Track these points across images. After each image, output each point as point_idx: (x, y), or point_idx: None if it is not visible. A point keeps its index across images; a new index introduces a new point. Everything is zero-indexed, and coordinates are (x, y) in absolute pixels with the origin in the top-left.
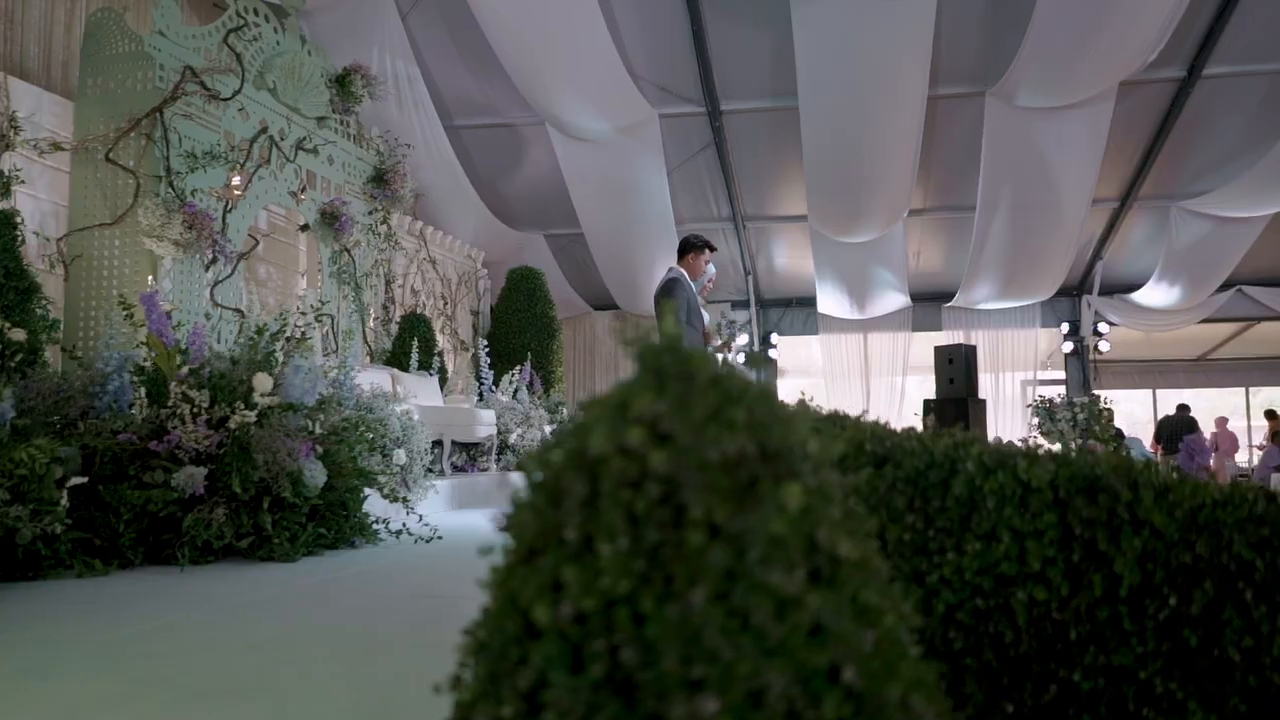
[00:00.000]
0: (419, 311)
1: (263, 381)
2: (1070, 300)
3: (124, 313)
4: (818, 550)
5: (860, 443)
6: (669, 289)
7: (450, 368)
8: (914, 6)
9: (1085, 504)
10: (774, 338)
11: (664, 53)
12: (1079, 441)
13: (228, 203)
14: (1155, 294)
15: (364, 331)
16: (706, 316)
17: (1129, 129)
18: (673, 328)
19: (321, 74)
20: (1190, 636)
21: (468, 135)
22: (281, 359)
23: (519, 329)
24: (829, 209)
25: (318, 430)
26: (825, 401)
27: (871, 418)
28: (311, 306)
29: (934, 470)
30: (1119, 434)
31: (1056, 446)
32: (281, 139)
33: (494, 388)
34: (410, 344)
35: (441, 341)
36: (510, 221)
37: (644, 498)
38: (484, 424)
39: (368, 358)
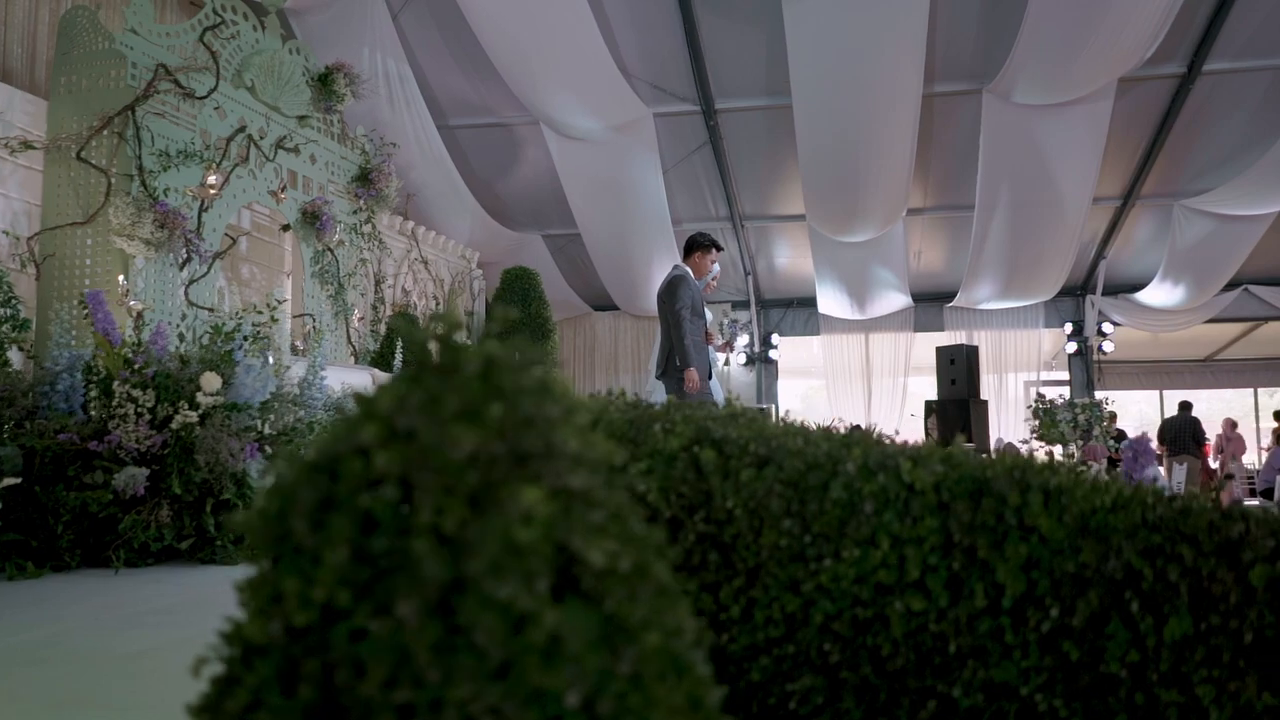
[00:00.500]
0: (406, 311)
1: (210, 381)
2: (1074, 300)
3: (83, 312)
4: (576, 561)
5: (746, 443)
6: (672, 287)
7: None
8: (907, 3)
9: (967, 508)
10: (775, 338)
11: (657, 51)
12: (1080, 443)
13: (203, 202)
14: (1159, 294)
15: (348, 331)
16: (710, 316)
17: (1130, 126)
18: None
19: (303, 73)
20: (1072, 650)
21: (463, 135)
22: (242, 358)
23: (513, 329)
24: (826, 209)
25: (266, 430)
26: (828, 403)
27: (875, 419)
28: (269, 305)
29: (814, 472)
30: (1119, 435)
31: (1057, 449)
32: (261, 138)
33: None
34: (396, 344)
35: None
36: (507, 222)
37: (379, 501)
38: None
39: (352, 358)
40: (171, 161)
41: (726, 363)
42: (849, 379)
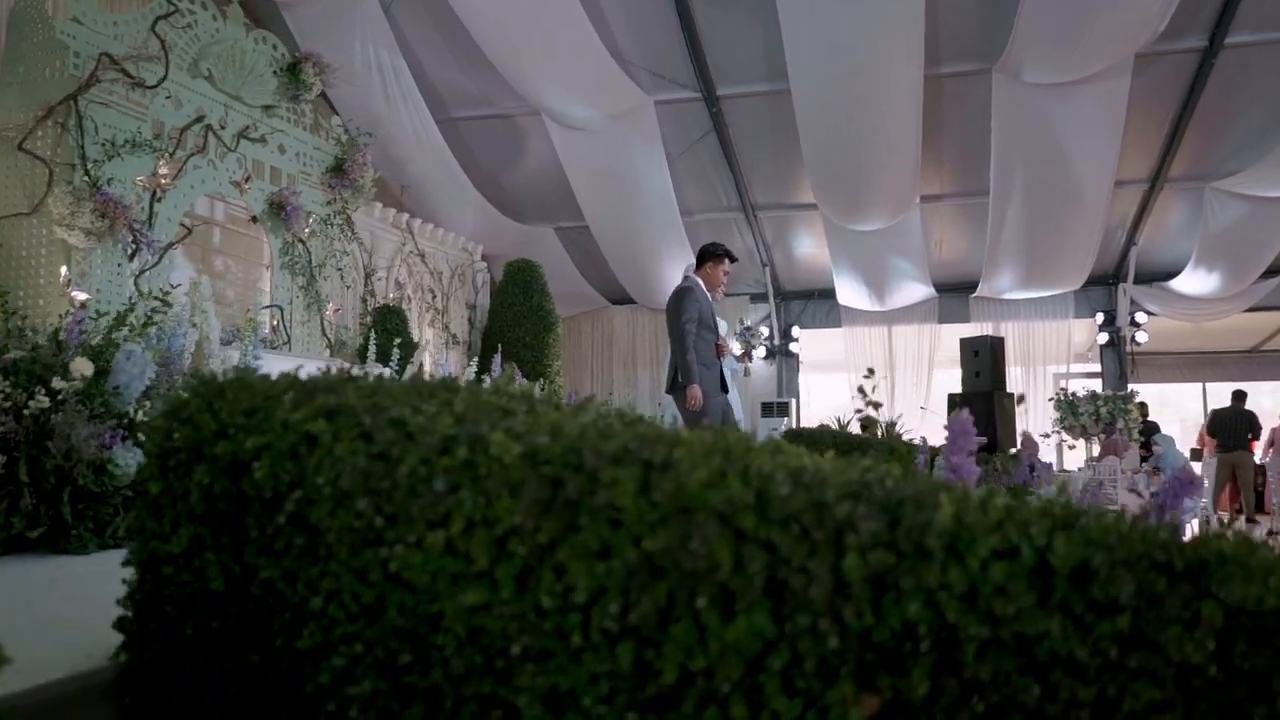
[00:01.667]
0: (393, 304)
1: (81, 366)
2: (1105, 289)
3: None
4: None
5: (359, 413)
6: (678, 300)
7: (428, 361)
8: None
9: (539, 486)
10: (795, 331)
11: (653, 38)
12: (1102, 437)
13: (155, 192)
14: (1194, 281)
15: (322, 323)
16: (724, 325)
17: (1152, 105)
18: None
19: (270, 62)
20: (624, 653)
21: (465, 128)
22: (143, 345)
23: (514, 322)
24: (834, 198)
25: (141, 417)
26: (847, 398)
27: (899, 414)
28: (163, 291)
29: (401, 445)
30: (1150, 428)
31: (1080, 443)
32: (222, 128)
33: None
34: (382, 337)
35: (430, 335)
36: (517, 215)
37: None
38: None
39: (327, 349)
40: (118, 151)
41: (747, 373)
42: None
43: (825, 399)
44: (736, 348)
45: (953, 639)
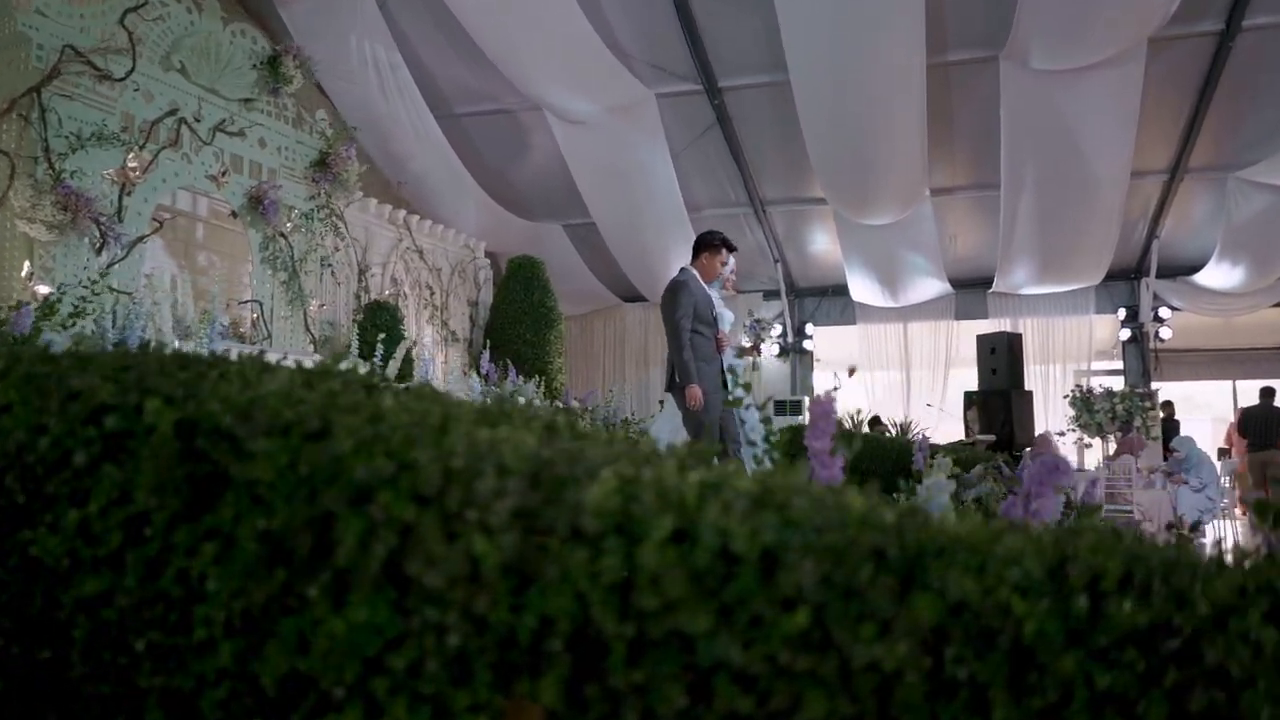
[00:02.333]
0: (384, 300)
1: None
2: (1127, 284)
3: None
4: None
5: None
6: (672, 296)
7: (420, 358)
8: None
9: (172, 458)
10: (809, 328)
11: (651, 29)
12: (1118, 435)
13: (124, 185)
14: (1218, 275)
15: (305, 318)
16: (730, 316)
17: (1168, 92)
18: None
19: (251, 55)
20: (227, 650)
21: (471, 124)
22: (65, 335)
23: (515, 319)
24: (841, 191)
25: None
26: (865, 397)
27: (914, 414)
28: (92, 281)
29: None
30: (1170, 427)
31: (1096, 442)
32: (197, 121)
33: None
34: (371, 333)
35: (429, 332)
36: (525, 212)
37: None
38: None
39: (310, 345)
40: (83, 144)
41: (755, 366)
42: (886, 370)
43: (840, 398)
44: (742, 341)
45: (601, 639)
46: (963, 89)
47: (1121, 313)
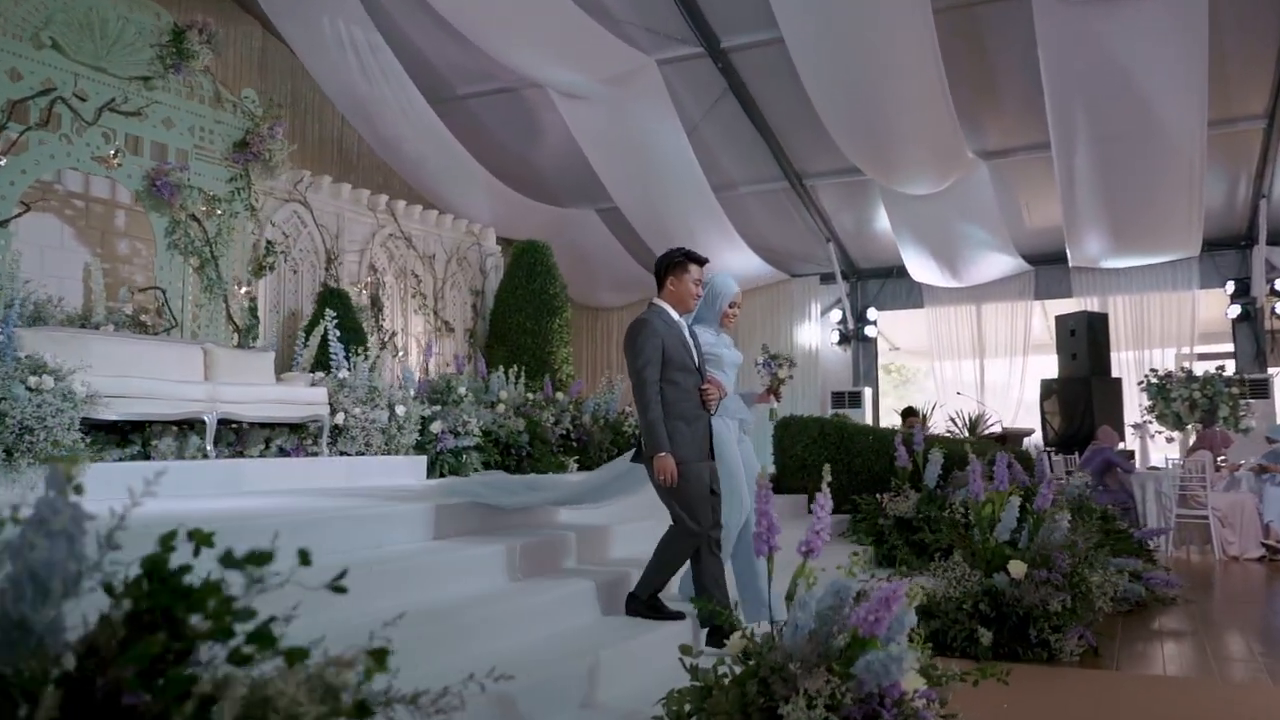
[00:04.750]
0: (341, 289)
1: None
2: (1238, 253)
3: None
4: None
5: None
6: (631, 341)
7: (395, 352)
8: None
9: None
10: (871, 313)
11: None
12: (1198, 427)
13: None
14: None
15: (227, 308)
16: (736, 357)
17: (1254, 18)
18: None
19: (153, 31)
20: None
21: (477, 105)
22: None
23: (515, 307)
24: (868, 157)
25: None
26: (934, 388)
27: (989, 405)
28: None
29: None
30: None
31: (1175, 434)
32: (83, 100)
33: (347, 365)
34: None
35: (420, 323)
36: (551, 197)
37: None
38: (293, 403)
39: (235, 335)
40: None
41: (772, 415)
42: (956, 358)
43: (911, 387)
44: (760, 380)
45: None
46: (999, 34)
47: (1230, 286)
